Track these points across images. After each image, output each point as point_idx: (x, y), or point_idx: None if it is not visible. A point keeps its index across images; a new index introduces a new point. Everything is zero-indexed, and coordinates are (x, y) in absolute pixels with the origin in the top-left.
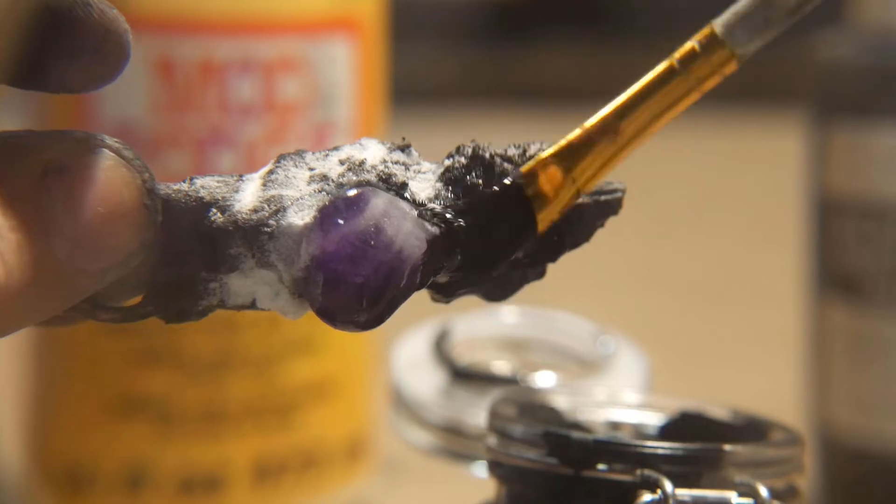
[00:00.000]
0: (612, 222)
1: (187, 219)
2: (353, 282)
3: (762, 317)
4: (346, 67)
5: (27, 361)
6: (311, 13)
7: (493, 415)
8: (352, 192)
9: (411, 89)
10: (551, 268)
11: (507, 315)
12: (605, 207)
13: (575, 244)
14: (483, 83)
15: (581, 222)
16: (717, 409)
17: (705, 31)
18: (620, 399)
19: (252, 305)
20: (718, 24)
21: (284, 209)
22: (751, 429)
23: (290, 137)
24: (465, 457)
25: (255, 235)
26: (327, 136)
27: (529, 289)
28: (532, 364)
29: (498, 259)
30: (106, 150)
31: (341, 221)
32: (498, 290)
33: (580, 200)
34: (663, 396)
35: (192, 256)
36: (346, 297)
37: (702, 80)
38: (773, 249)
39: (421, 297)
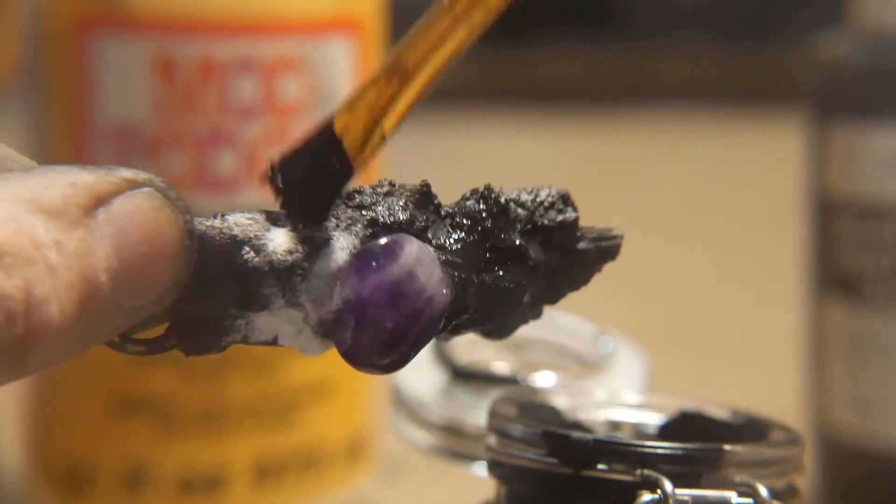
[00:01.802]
0: (612, 221)
1: (220, 256)
2: (385, 327)
3: (762, 317)
4: (347, 68)
5: None
6: (311, 14)
7: (493, 415)
8: (386, 239)
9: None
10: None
11: None
12: (605, 253)
13: (575, 288)
14: (483, 84)
15: (582, 267)
16: (717, 409)
17: None
18: (620, 399)
19: (273, 342)
20: None
21: (318, 251)
22: (751, 429)
23: (291, 138)
24: (465, 457)
25: (289, 276)
26: None
27: None
28: (532, 364)
29: (512, 308)
30: (152, 190)
31: (375, 269)
32: (499, 330)
33: (582, 246)
34: (663, 396)
35: (222, 293)
36: (375, 341)
37: (467, 14)
38: (773, 249)
39: None
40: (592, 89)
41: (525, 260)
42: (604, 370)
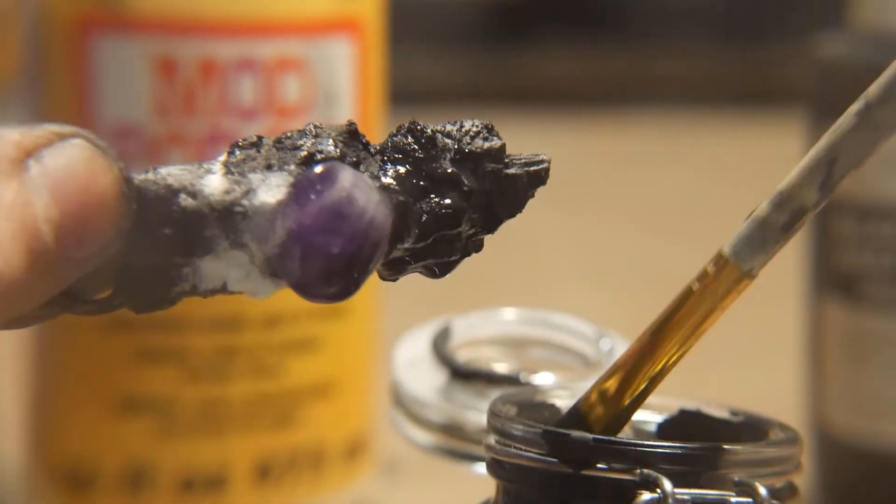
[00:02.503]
0: (612, 221)
1: (158, 206)
2: (331, 252)
3: (761, 317)
4: (347, 68)
5: (28, 361)
6: (311, 14)
7: (493, 414)
8: (320, 167)
9: (411, 91)
10: (552, 268)
11: (507, 315)
12: (535, 177)
13: (510, 214)
14: (483, 85)
15: (514, 192)
16: (716, 409)
17: (716, 254)
18: None
19: (223, 289)
20: (726, 247)
21: (255, 189)
22: (750, 428)
23: None
24: (465, 456)
25: (229, 216)
26: None
27: (529, 289)
28: (532, 364)
29: (453, 234)
30: (82, 140)
31: (313, 196)
32: (440, 266)
33: (511, 171)
34: (662, 396)
35: (164, 242)
36: (323, 267)
37: (720, 297)
38: None
39: (422, 297)
40: (592, 89)
41: (459, 186)
42: (603, 370)
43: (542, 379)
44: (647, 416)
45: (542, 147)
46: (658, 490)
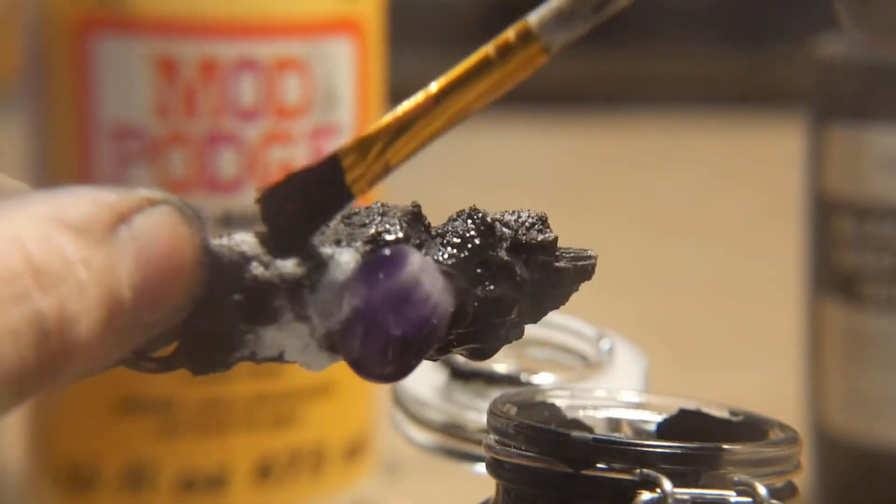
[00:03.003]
0: (612, 221)
1: (230, 272)
2: (393, 335)
3: (760, 316)
4: (347, 69)
5: None
6: (311, 15)
7: (493, 414)
8: (390, 249)
9: (411, 91)
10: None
11: None
12: (582, 272)
13: (555, 306)
14: None
15: (561, 285)
16: (716, 408)
17: (520, 24)
18: (619, 398)
19: (279, 358)
20: (533, 18)
21: (324, 265)
22: (749, 428)
23: (291, 139)
24: (466, 456)
25: (298, 289)
26: (328, 138)
27: None
28: (532, 364)
29: (502, 322)
30: (170, 207)
31: (383, 277)
32: (484, 349)
33: (560, 265)
34: (662, 396)
35: (232, 309)
36: (383, 349)
37: (514, 71)
38: (772, 249)
39: None
40: (593, 90)
41: (513, 276)
42: (603, 370)
43: (542, 379)
44: (647, 416)
45: (543, 147)
46: (658, 490)
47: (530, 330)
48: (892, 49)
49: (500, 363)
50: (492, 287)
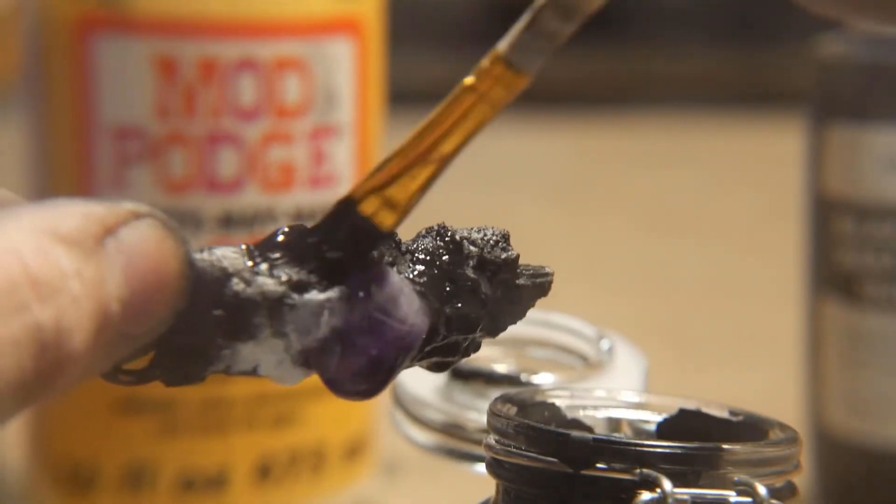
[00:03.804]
0: (612, 221)
1: (211, 287)
2: (370, 353)
3: (760, 316)
4: (347, 69)
5: None
6: (311, 15)
7: (493, 414)
8: (371, 270)
9: (411, 91)
10: (552, 267)
11: None
12: (539, 289)
13: (513, 321)
14: None
15: (520, 302)
16: (716, 408)
17: (492, 51)
18: (619, 398)
19: (253, 372)
20: (502, 45)
21: (305, 284)
22: (749, 428)
23: (291, 139)
24: (466, 456)
25: (279, 307)
26: (328, 138)
27: None
28: (532, 364)
29: (465, 339)
30: (154, 221)
31: (363, 295)
32: (441, 365)
33: (520, 282)
34: (662, 396)
35: (211, 324)
36: (359, 368)
37: (494, 98)
38: (772, 249)
39: None
40: (593, 90)
41: (478, 293)
42: (603, 370)
43: (542, 379)
44: (647, 416)
45: (543, 147)
46: (658, 490)
47: (530, 330)
48: (893, 49)
49: (500, 363)
50: (459, 304)
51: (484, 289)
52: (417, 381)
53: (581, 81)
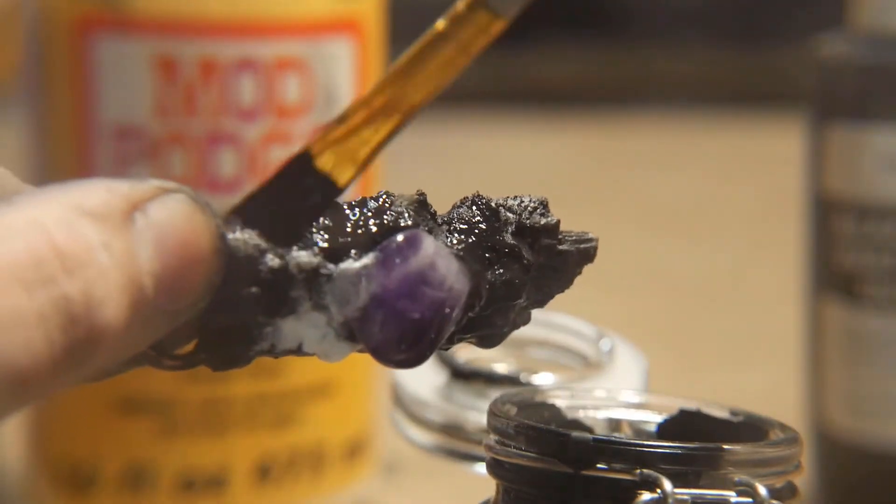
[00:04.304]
0: (612, 221)
1: (246, 265)
2: (412, 318)
3: (761, 316)
4: (347, 69)
5: None
6: (311, 15)
7: (493, 414)
8: (403, 234)
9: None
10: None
11: None
12: (584, 255)
13: (560, 289)
14: (483, 85)
15: (565, 268)
16: (716, 409)
17: None
18: (620, 398)
19: (298, 350)
20: None
21: (338, 253)
22: (750, 428)
23: (291, 139)
24: (466, 456)
25: (315, 278)
26: None
27: None
28: (532, 364)
29: (512, 306)
30: (184, 196)
31: (399, 262)
32: (493, 335)
33: (563, 248)
34: (662, 396)
35: (250, 302)
36: (402, 332)
37: (469, 43)
38: (773, 249)
39: None
40: (593, 90)
41: (520, 259)
42: (603, 370)
43: (542, 379)
44: (648, 417)
45: (543, 147)
46: (658, 490)
47: (530, 330)
48: (893, 49)
49: (500, 363)
50: (501, 271)
51: (526, 255)
52: (417, 381)
53: (581, 81)
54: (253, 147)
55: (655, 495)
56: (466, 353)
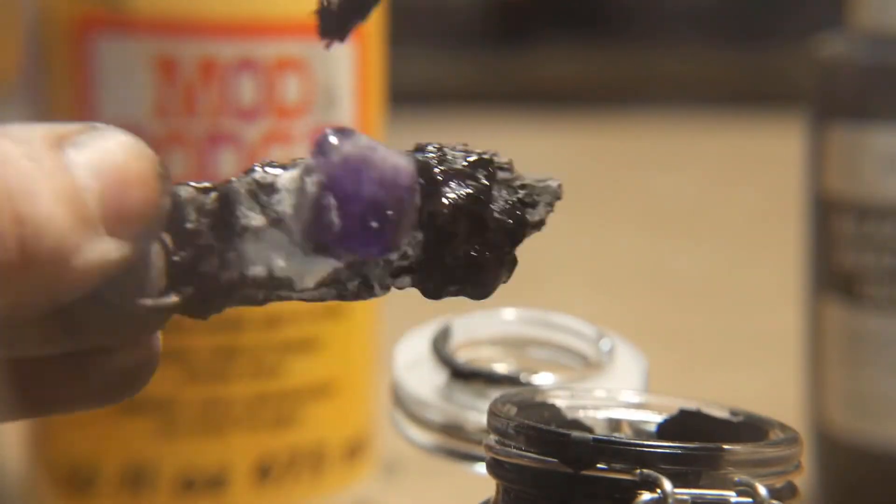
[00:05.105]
0: (612, 221)
1: (191, 203)
2: (366, 195)
3: (761, 316)
4: (347, 69)
5: None
6: (311, 15)
7: (493, 414)
8: (335, 128)
9: (411, 92)
10: (552, 268)
11: (507, 315)
12: (552, 192)
13: (537, 227)
14: (483, 85)
15: (534, 205)
16: (716, 409)
17: None
18: (620, 398)
19: (271, 277)
20: None
21: (280, 173)
22: (750, 428)
23: (291, 139)
24: (466, 456)
25: (260, 189)
26: None
27: (529, 289)
28: (532, 364)
29: (486, 220)
30: (112, 128)
31: (337, 147)
32: (480, 287)
33: (525, 181)
34: (662, 396)
35: (202, 228)
36: (363, 213)
37: None
38: (772, 249)
39: (422, 297)
40: (593, 91)
41: (476, 178)
42: (603, 370)
43: (542, 379)
44: (647, 416)
45: (543, 147)
46: (658, 490)
47: (530, 330)
48: (893, 49)
49: (500, 363)
50: (460, 186)
51: (481, 176)
52: (417, 381)
53: (581, 81)
54: (253, 147)
55: (655, 495)
56: (466, 353)
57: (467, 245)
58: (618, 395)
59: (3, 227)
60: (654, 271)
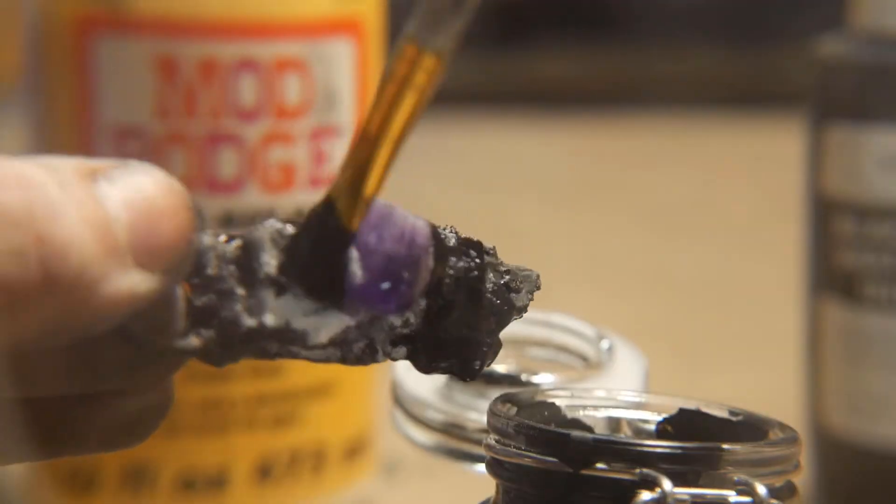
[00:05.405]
0: (612, 221)
1: (212, 251)
2: (386, 250)
3: (760, 316)
4: (347, 69)
5: None
6: (312, 15)
7: (493, 414)
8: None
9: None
10: (552, 267)
11: None
12: (531, 281)
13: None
14: (483, 85)
15: (518, 290)
16: (716, 408)
17: (399, 42)
18: (619, 398)
19: (287, 328)
20: (409, 26)
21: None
22: (749, 428)
23: (291, 139)
24: (466, 456)
25: (282, 240)
26: (328, 138)
27: None
28: (532, 364)
29: (482, 292)
30: (145, 164)
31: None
32: (469, 366)
33: (508, 267)
34: (662, 395)
35: (223, 276)
36: (384, 265)
37: (408, 80)
38: (772, 249)
39: None
40: (592, 91)
41: (471, 257)
42: (603, 370)
43: (542, 379)
44: (647, 416)
45: (543, 147)
46: (658, 489)
47: (530, 330)
48: (893, 49)
49: (500, 363)
50: (459, 261)
51: (475, 254)
52: (417, 381)
53: (581, 81)
54: (253, 147)
55: (655, 495)
56: None
57: (462, 319)
58: (618, 394)
59: (26, 246)
60: (655, 271)
